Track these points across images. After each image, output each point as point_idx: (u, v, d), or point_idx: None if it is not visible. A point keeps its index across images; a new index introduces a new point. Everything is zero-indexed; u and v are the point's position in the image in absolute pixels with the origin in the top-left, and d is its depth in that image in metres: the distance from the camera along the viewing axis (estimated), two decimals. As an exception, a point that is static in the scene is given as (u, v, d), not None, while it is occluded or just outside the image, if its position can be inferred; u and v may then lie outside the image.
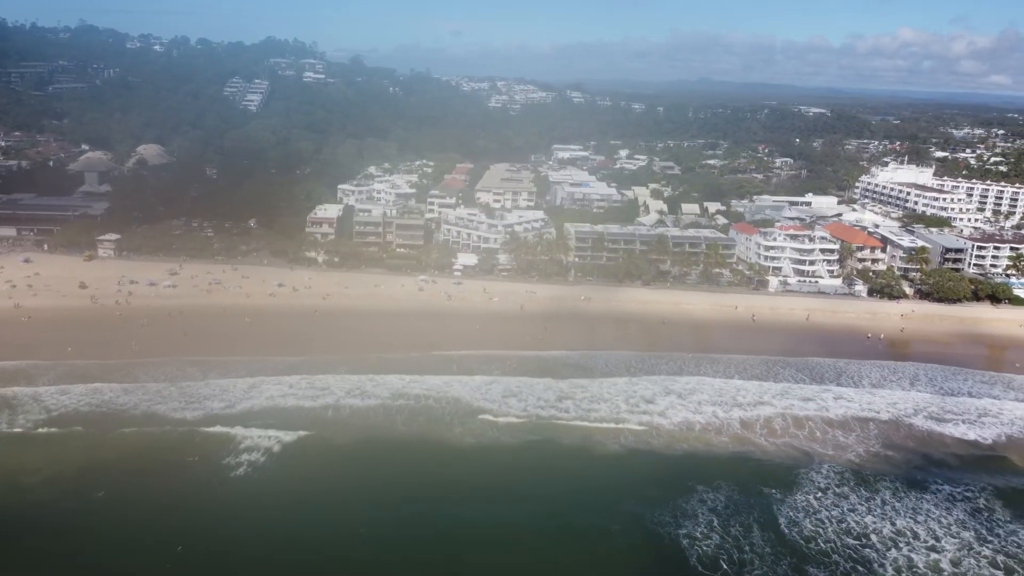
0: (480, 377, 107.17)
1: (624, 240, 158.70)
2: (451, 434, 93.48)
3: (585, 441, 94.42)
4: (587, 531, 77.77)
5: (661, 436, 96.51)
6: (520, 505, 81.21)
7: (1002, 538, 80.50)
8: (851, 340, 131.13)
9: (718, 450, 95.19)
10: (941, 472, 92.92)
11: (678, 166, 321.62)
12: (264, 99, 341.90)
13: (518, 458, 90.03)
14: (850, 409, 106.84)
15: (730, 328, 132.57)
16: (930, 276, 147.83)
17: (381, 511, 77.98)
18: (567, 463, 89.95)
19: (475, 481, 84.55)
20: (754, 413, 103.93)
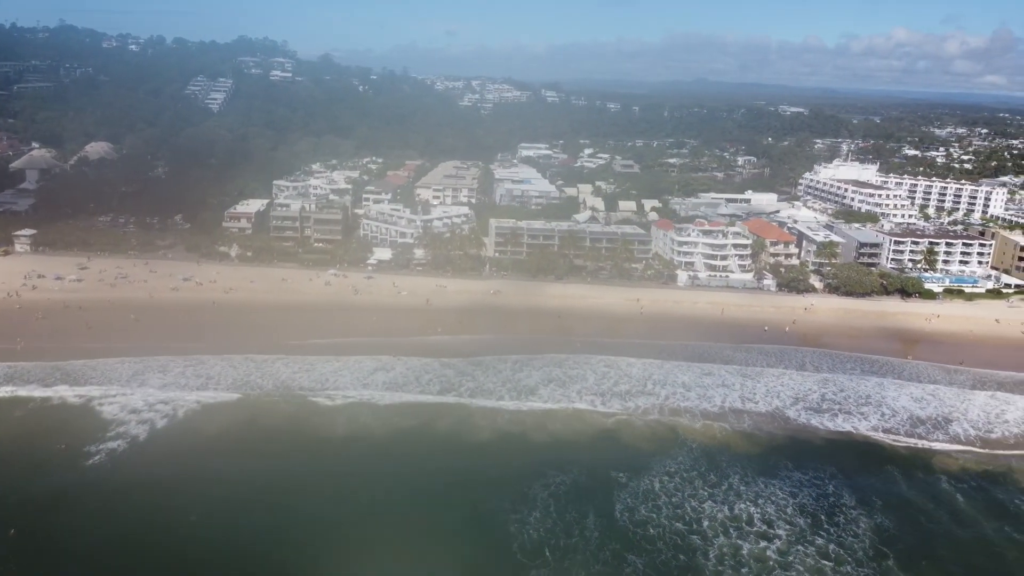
0: (366, 365, 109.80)
1: (543, 236, 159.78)
2: (322, 421, 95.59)
3: (458, 426, 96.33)
4: (414, 515, 78.69)
5: (532, 422, 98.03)
6: (363, 491, 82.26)
7: (840, 527, 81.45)
8: (749, 332, 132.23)
9: (583, 436, 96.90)
10: (798, 460, 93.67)
11: (638, 165, 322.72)
12: (228, 97, 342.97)
13: (384, 444, 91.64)
14: (728, 399, 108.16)
15: (626, 321, 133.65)
16: (838, 270, 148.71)
17: (227, 499, 79.18)
18: (433, 449, 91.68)
19: (335, 469, 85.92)
20: (632, 403, 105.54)
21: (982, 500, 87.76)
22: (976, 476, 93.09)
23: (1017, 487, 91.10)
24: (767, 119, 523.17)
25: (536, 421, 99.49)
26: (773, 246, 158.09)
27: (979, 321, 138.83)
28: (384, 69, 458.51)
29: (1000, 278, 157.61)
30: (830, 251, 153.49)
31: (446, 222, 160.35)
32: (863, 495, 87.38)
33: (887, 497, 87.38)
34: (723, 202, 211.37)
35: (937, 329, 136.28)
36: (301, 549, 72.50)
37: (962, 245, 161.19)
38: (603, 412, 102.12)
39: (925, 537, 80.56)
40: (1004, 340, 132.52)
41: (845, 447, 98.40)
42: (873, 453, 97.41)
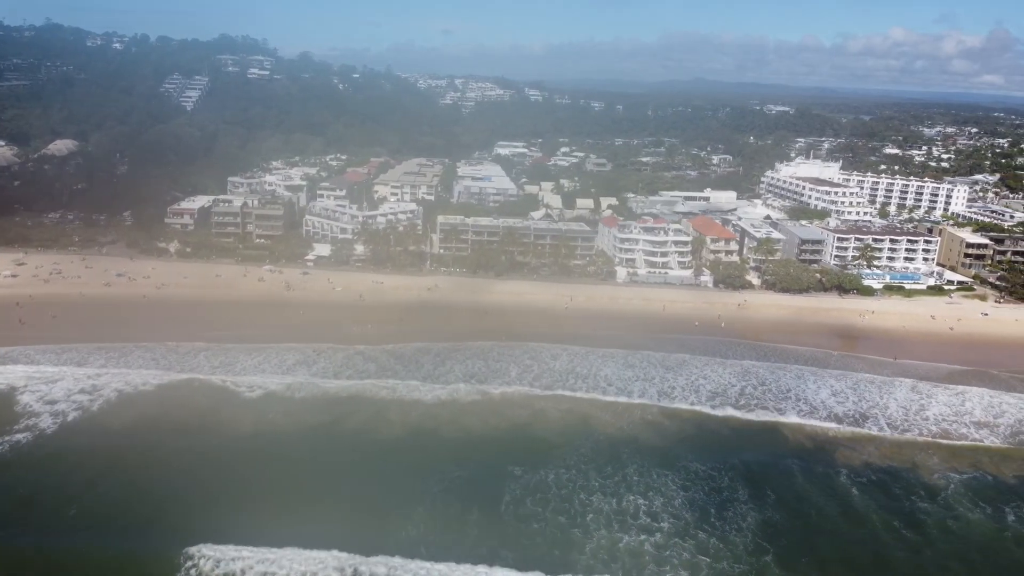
0: (287, 358, 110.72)
1: (488, 232, 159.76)
2: (234, 412, 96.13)
3: (369, 420, 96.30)
4: (300, 508, 78.14)
5: (446, 415, 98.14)
6: (255, 483, 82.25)
7: (727, 521, 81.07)
8: (679, 328, 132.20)
9: (494, 429, 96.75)
10: (702, 452, 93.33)
11: (611, 163, 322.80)
12: (203, 95, 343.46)
13: (292, 436, 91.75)
14: (647, 392, 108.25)
15: (555, 317, 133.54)
16: (775, 267, 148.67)
17: (111, 491, 79.42)
18: (340, 442, 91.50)
19: (239, 457, 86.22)
20: (550, 395, 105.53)
21: (878, 495, 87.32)
22: (878, 471, 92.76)
23: (918, 482, 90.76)
24: (751, 118, 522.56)
25: (450, 414, 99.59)
26: (714, 243, 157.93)
27: (914, 317, 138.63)
28: (365, 67, 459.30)
29: (943, 274, 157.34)
30: (767, 248, 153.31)
31: (390, 218, 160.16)
32: (758, 489, 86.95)
33: (782, 491, 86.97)
34: (681, 200, 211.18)
35: (869, 325, 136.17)
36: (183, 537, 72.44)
37: (907, 242, 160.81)
38: (518, 405, 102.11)
39: (811, 533, 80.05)
40: (935, 336, 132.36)
41: (752, 440, 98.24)
42: (779, 446, 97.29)
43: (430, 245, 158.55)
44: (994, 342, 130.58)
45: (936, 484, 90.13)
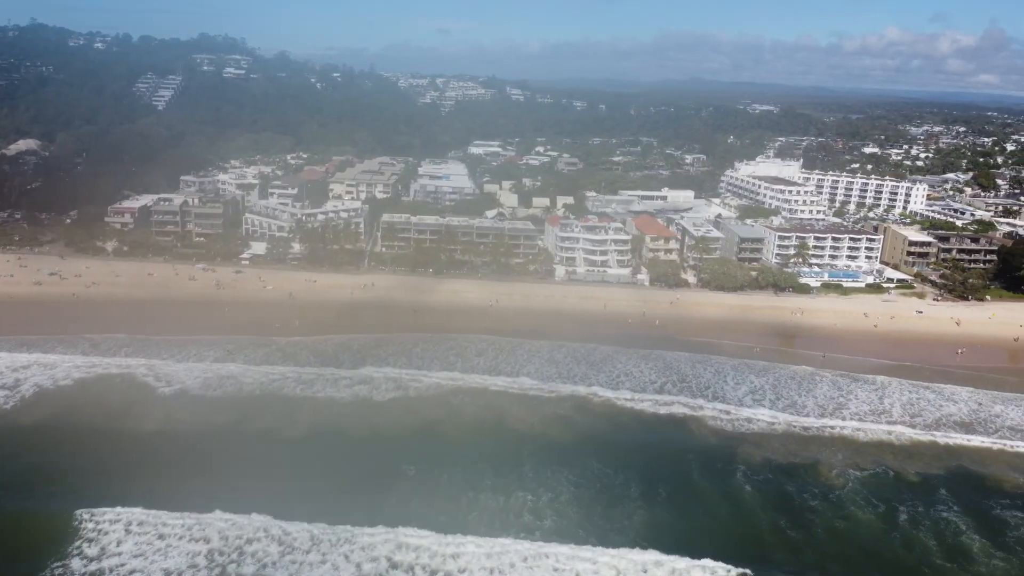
0: (206, 355, 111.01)
1: (431, 231, 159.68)
2: (143, 410, 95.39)
3: (276, 419, 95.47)
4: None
5: (351, 412, 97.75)
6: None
7: (611, 520, 79.04)
8: (609, 325, 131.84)
9: (397, 427, 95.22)
10: (603, 448, 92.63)
11: (584, 162, 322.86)
12: (176, 94, 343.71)
13: (191, 435, 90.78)
14: (566, 388, 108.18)
15: (484, 315, 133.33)
16: (710, 265, 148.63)
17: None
18: (241, 443, 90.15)
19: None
20: (465, 387, 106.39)
21: (771, 493, 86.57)
22: (778, 468, 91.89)
23: (816, 479, 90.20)
24: (735, 117, 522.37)
25: (360, 412, 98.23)
26: (653, 242, 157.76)
27: (846, 315, 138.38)
28: (345, 66, 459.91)
29: (884, 272, 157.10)
30: (703, 246, 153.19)
31: (331, 216, 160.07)
32: (651, 485, 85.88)
33: (675, 488, 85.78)
34: (637, 199, 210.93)
35: (800, 322, 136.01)
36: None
37: (849, 240, 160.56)
38: (433, 401, 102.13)
39: (695, 532, 79.16)
40: (863, 333, 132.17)
41: (659, 435, 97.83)
42: (685, 441, 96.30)
43: (373, 243, 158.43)
44: (920, 339, 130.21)
45: (834, 482, 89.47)
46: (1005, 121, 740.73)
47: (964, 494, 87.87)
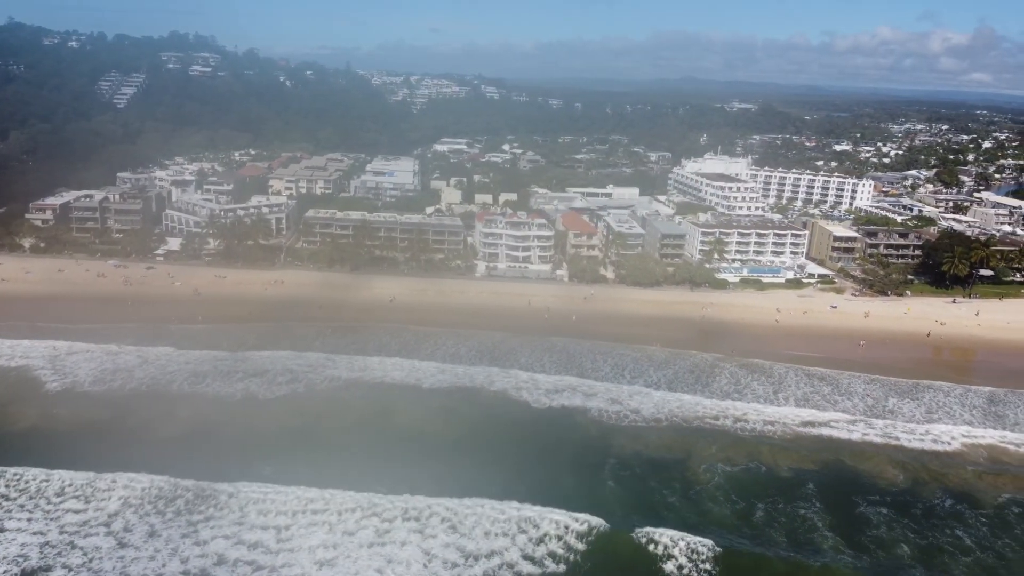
0: (94, 351, 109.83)
1: (354, 227, 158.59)
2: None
3: (151, 416, 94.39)
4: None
5: (228, 409, 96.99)
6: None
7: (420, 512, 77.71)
8: (514, 320, 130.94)
9: (265, 425, 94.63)
10: (470, 438, 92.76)
11: (547, 160, 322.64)
12: (139, 92, 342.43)
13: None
14: (456, 382, 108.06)
15: (378, 310, 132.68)
16: (626, 261, 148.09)
17: None
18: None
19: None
20: (356, 381, 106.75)
21: (631, 490, 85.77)
22: (646, 462, 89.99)
23: (680, 473, 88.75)
24: (711, 115, 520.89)
25: (239, 409, 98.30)
26: (576, 238, 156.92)
27: (756, 310, 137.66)
28: (317, 64, 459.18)
29: (805, 267, 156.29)
30: (621, 242, 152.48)
31: (252, 212, 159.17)
32: (517, 474, 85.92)
33: (539, 479, 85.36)
34: (579, 195, 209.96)
35: (709, 317, 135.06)
36: None
37: (774, 236, 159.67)
38: (322, 397, 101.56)
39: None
40: (769, 327, 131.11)
41: (540, 427, 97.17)
42: (561, 434, 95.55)
43: (295, 240, 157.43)
44: (827, 333, 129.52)
45: (699, 476, 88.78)
46: (991, 119, 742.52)
47: (832, 490, 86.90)
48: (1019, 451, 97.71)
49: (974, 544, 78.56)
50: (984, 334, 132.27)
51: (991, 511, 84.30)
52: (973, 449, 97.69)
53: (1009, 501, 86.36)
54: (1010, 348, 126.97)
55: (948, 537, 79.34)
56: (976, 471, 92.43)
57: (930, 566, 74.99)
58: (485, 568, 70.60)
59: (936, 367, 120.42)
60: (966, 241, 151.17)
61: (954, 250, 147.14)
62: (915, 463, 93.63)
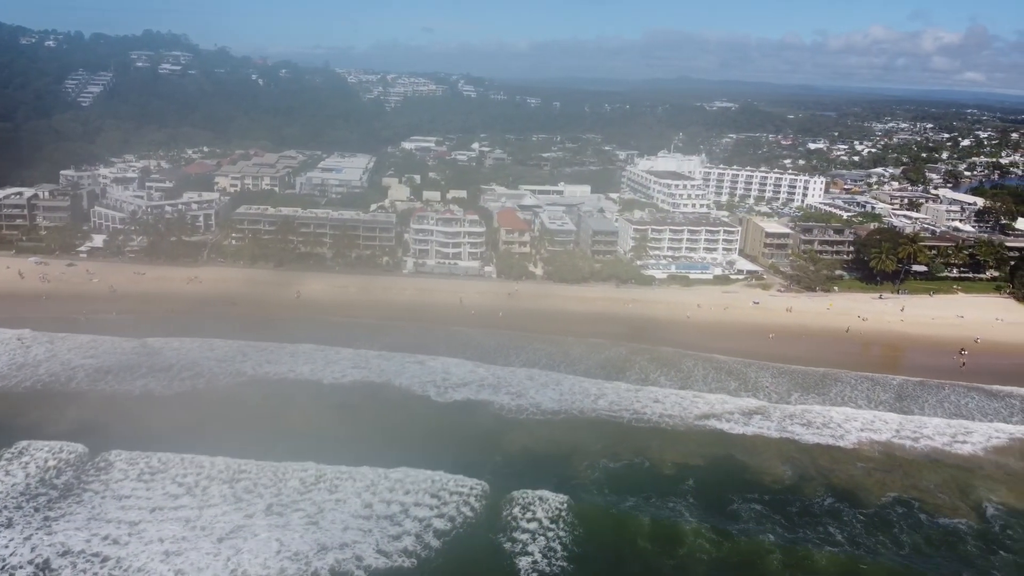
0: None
1: (278, 223, 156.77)
2: None
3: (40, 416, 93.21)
4: None
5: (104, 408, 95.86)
6: None
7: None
8: (431, 317, 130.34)
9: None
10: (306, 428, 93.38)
11: (512, 158, 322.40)
12: (106, 91, 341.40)
13: None
14: (345, 375, 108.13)
15: (284, 307, 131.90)
16: (553, 257, 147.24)
17: None
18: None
19: None
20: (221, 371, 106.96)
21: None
22: (530, 457, 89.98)
23: (562, 470, 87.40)
24: (689, 114, 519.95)
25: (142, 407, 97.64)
26: (508, 234, 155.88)
27: (678, 306, 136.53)
28: (290, 62, 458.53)
29: (735, 263, 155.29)
30: (550, 239, 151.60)
31: (181, 208, 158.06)
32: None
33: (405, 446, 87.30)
34: (528, 193, 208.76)
35: (627, 313, 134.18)
36: None
37: (706, 233, 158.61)
38: (220, 392, 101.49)
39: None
40: (684, 323, 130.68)
41: (437, 421, 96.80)
42: (457, 429, 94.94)
43: (224, 236, 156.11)
44: (742, 327, 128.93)
45: (580, 473, 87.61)
46: (978, 118, 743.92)
47: (712, 485, 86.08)
48: (915, 447, 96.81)
49: (844, 539, 77.62)
50: (905, 329, 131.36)
51: (872, 509, 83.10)
52: (869, 446, 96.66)
53: (894, 500, 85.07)
54: (927, 343, 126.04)
55: (818, 533, 78.32)
56: (866, 468, 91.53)
57: (790, 557, 74.10)
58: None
59: (849, 362, 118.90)
60: (894, 237, 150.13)
61: (881, 246, 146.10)
62: (805, 458, 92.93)
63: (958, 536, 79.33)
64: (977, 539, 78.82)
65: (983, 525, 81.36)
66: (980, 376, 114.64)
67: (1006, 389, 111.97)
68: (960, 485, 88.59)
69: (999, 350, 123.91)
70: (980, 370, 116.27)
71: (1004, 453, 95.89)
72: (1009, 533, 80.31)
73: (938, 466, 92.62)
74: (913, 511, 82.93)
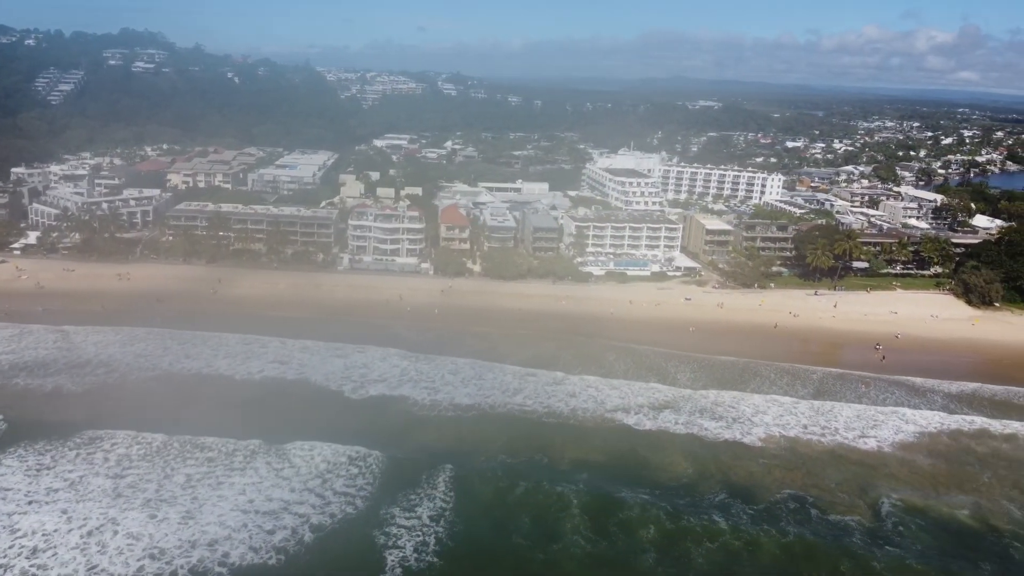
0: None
1: (209, 219, 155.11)
2: None
3: None
4: None
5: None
6: None
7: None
8: (362, 311, 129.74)
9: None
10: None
11: (483, 156, 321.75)
12: (76, 89, 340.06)
13: None
14: (258, 370, 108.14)
15: (217, 302, 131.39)
16: (489, 254, 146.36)
17: None
18: None
19: None
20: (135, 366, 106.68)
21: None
22: (439, 453, 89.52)
23: (461, 462, 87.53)
24: (671, 113, 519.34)
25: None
26: (449, 231, 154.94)
27: (611, 302, 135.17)
28: (268, 60, 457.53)
29: (673, 260, 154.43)
30: (486, 235, 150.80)
31: (118, 205, 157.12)
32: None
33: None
34: (484, 190, 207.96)
35: (559, 309, 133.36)
36: None
37: (648, 229, 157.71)
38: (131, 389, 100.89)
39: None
40: (609, 319, 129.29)
41: (344, 418, 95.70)
42: (365, 425, 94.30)
43: (161, 233, 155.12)
44: (665, 323, 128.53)
45: (475, 467, 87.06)
46: (967, 117, 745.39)
47: (608, 480, 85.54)
48: (822, 443, 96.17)
49: (727, 529, 77.10)
50: (834, 325, 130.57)
51: (764, 504, 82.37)
52: (775, 441, 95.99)
53: (789, 497, 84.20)
54: (853, 339, 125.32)
55: (702, 522, 77.64)
56: (768, 465, 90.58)
57: (667, 551, 73.49)
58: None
59: (771, 356, 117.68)
60: (831, 233, 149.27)
61: (818, 242, 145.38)
62: (707, 454, 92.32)
63: (846, 530, 78.82)
64: (865, 534, 78.27)
65: (875, 521, 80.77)
66: (899, 371, 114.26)
67: (920, 383, 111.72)
68: (861, 481, 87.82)
69: (922, 346, 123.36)
70: (899, 366, 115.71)
71: (911, 449, 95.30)
72: (900, 529, 79.75)
73: (842, 462, 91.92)
74: (806, 506, 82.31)
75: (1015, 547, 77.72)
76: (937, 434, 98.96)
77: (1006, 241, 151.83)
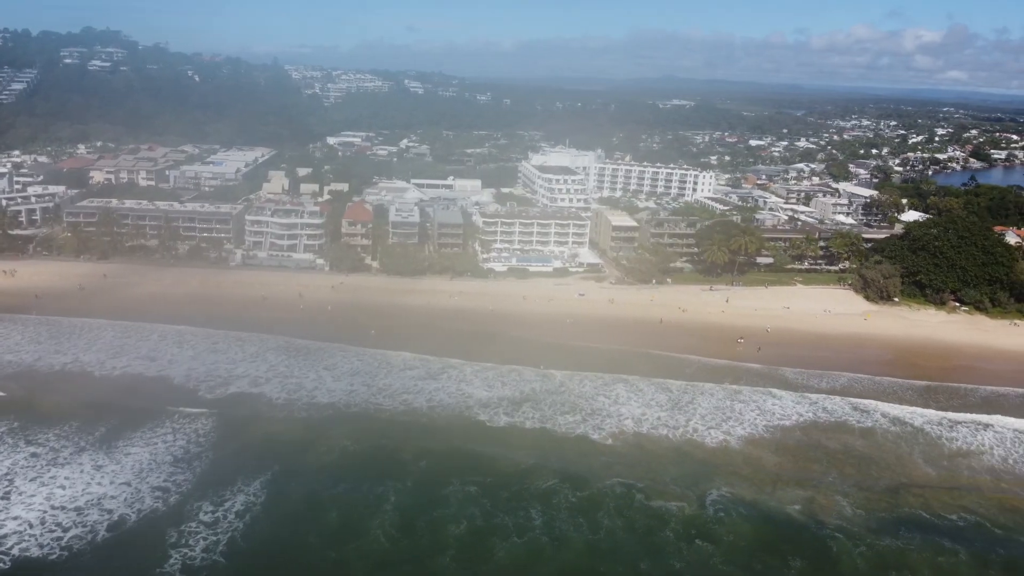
0: None
1: (98, 215, 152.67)
2: None
3: None
4: None
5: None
6: None
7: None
8: (240, 309, 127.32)
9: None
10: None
11: (434, 154, 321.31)
12: (29, 88, 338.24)
13: None
14: (110, 371, 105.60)
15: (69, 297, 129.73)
16: (387, 250, 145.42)
17: None
18: None
19: None
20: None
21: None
22: (354, 452, 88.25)
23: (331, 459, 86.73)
24: (640, 112, 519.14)
25: None
26: (350, 226, 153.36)
27: (503, 298, 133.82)
28: (231, 58, 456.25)
29: (577, 256, 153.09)
30: (384, 231, 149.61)
31: (16, 200, 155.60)
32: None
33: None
34: (412, 187, 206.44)
35: (450, 305, 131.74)
36: None
37: (556, 226, 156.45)
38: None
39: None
40: (488, 314, 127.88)
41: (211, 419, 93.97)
42: (231, 424, 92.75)
43: (62, 230, 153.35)
44: (547, 318, 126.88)
45: (321, 457, 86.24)
46: (950, 116, 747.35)
47: (439, 473, 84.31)
48: (669, 438, 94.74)
49: (540, 525, 76.41)
50: (721, 320, 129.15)
51: (587, 499, 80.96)
52: (624, 436, 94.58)
53: (618, 490, 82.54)
54: (733, 332, 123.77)
55: (515, 523, 76.40)
56: (608, 462, 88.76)
57: (468, 549, 72.42)
58: None
59: (648, 349, 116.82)
60: (728, 229, 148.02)
61: (714, 238, 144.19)
62: (552, 450, 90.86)
63: (664, 522, 77.56)
64: (681, 523, 77.28)
65: (700, 514, 79.47)
66: (774, 364, 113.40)
67: (792, 376, 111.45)
68: (697, 475, 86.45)
69: (804, 340, 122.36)
70: (776, 359, 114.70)
71: (759, 444, 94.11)
72: (721, 516, 79.05)
73: (685, 457, 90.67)
74: (632, 499, 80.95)
75: (835, 540, 76.30)
76: (791, 428, 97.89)
77: (910, 236, 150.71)
